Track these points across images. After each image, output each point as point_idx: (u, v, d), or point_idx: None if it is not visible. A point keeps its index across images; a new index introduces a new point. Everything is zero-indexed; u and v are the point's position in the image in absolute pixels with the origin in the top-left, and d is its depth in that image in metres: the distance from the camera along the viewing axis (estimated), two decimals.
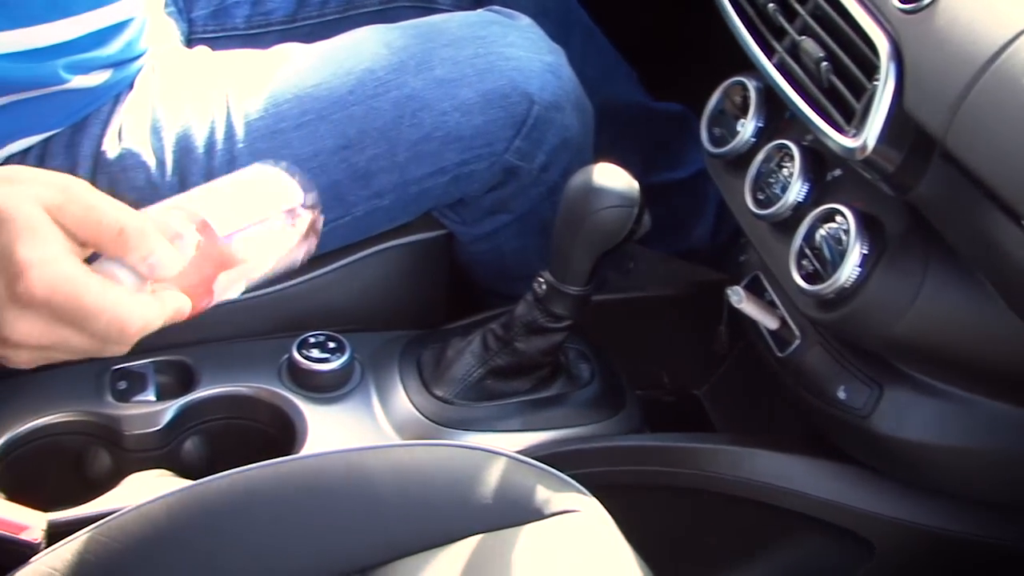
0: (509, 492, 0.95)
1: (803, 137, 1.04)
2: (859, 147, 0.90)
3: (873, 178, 0.94)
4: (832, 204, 0.98)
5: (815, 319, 1.03)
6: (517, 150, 1.22)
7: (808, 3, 1.00)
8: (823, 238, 0.98)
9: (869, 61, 0.91)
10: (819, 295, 0.98)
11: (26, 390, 1.13)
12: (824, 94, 0.96)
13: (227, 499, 0.95)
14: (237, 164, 1.15)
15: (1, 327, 0.69)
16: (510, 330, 1.14)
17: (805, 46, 0.98)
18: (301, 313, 1.24)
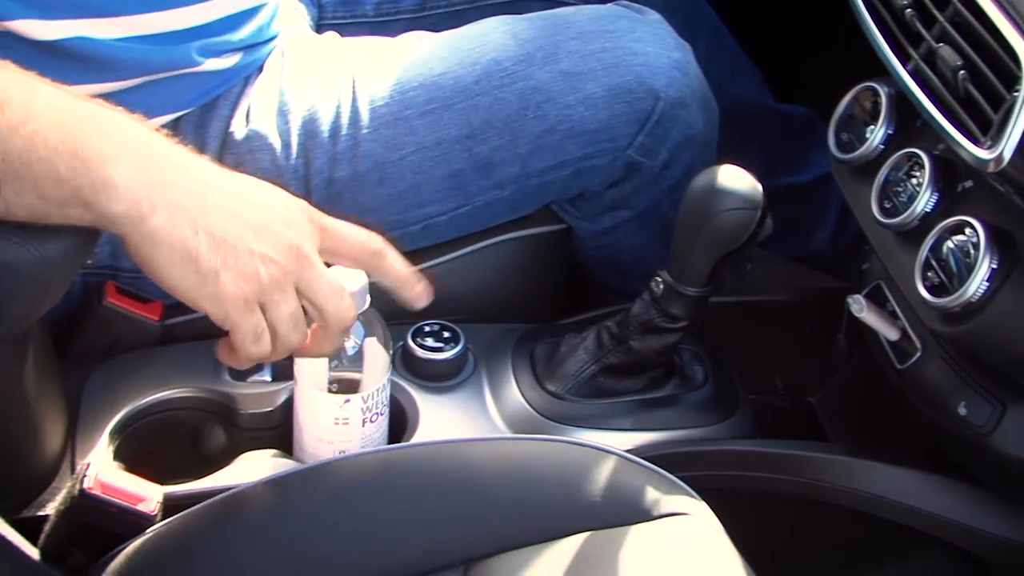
0: (618, 491, 0.95)
1: (934, 146, 1.02)
2: (994, 159, 0.88)
3: (1007, 191, 0.92)
4: (962, 216, 0.96)
5: (938, 332, 1.01)
6: (640, 146, 1.21)
7: (947, 9, 0.97)
8: (950, 250, 0.96)
9: (1009, 71, 0.88)
10: (944, 308, 0.96)
11: (148, 365, 1.15)
12: (959, 103, 0.94)
13: (337, 483, 0.96)
14: (361, 149, 1.16)
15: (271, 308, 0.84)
16: (625, 328, 1.13)
17: (942, 53, 0.96)
18: None
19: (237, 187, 0.86)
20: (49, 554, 0.95)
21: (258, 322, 0.85)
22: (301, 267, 0.85)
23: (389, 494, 0.95)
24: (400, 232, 1.21)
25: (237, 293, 0.82)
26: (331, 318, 0.88)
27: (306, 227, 0.87)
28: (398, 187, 1.18)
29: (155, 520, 0.95)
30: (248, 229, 0.83)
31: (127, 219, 0.78)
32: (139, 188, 0.78)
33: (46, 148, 0.75)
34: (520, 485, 0.95)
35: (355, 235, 0.91)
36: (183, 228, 0.80)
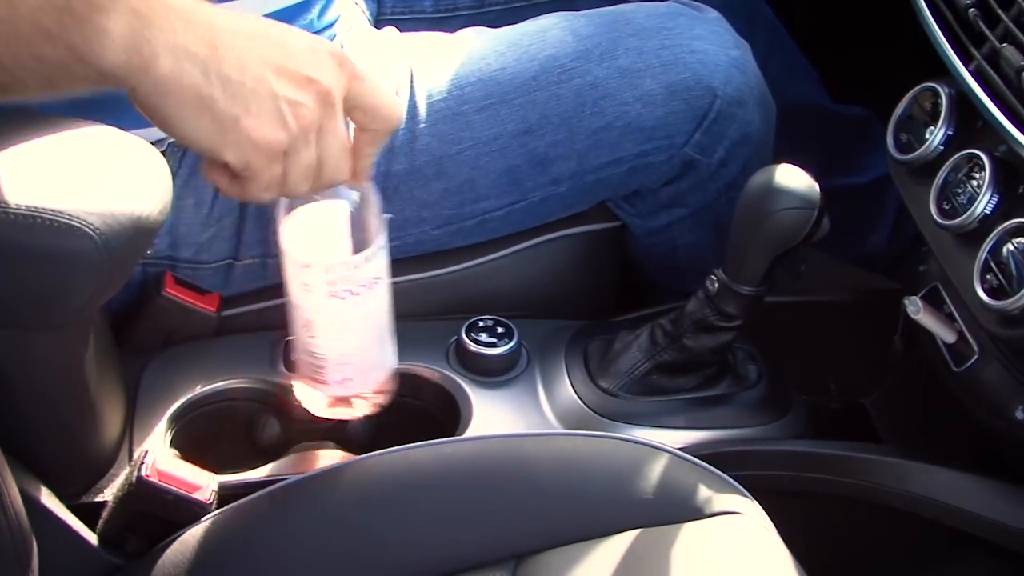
0: (670, 489, 0.94)
1: (995, 147, 1.01)
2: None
3: None
4: (1022, 218, 0.95)
5: (996, 335, 1.00)
6: (697, 144, 1.21)
7: (1012, 9, 0.96)
8: (1010, 253, 0.95)
9: None
10: (1003, 311, 0.95)
11: (204, 355, 1.17)
12: (1022, 104, 0.93)
13: (390, 476, 0.96)
14: (418, 143, 1.17)
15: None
16: (679, 326, 1.13)
17: (1006, 53, 0.95)
18: (471, 296, 1.25)
19: (251, 28, 0.78)
20: (107, 539, 0.97)
21: (277, 171, 0.79)
22: (326, 114, 0.79)
23: (441, 488, 0.95)
24: (456, 226, 1.22)
25: (261, 140, 0.77)
26: (328, 176, 0.83)
27: (334, 70, 0.80)
28: (454, 181, 1.19)
29: (210, 508, 0.96)
30: (269, 70, 0.76)
31: (128, 69, 0.72)
32: (137, 34, 0.72)
33: (28, 7, 0.70)
34: (572, 481, 0.95)
35: (384, 99, 0.84)
36: (193, 73, 0.74)
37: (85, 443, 1.02)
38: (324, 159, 0.81)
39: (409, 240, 1.21)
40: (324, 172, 0.82)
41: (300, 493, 0.95)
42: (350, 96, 0.81)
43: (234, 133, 0.76)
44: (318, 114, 0.79)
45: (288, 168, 0.80)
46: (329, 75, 0.79)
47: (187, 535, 0.94)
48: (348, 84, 0.80)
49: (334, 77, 0.79)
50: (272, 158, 0.78)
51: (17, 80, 0.73)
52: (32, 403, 0.95)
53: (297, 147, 0.79)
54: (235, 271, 1.21)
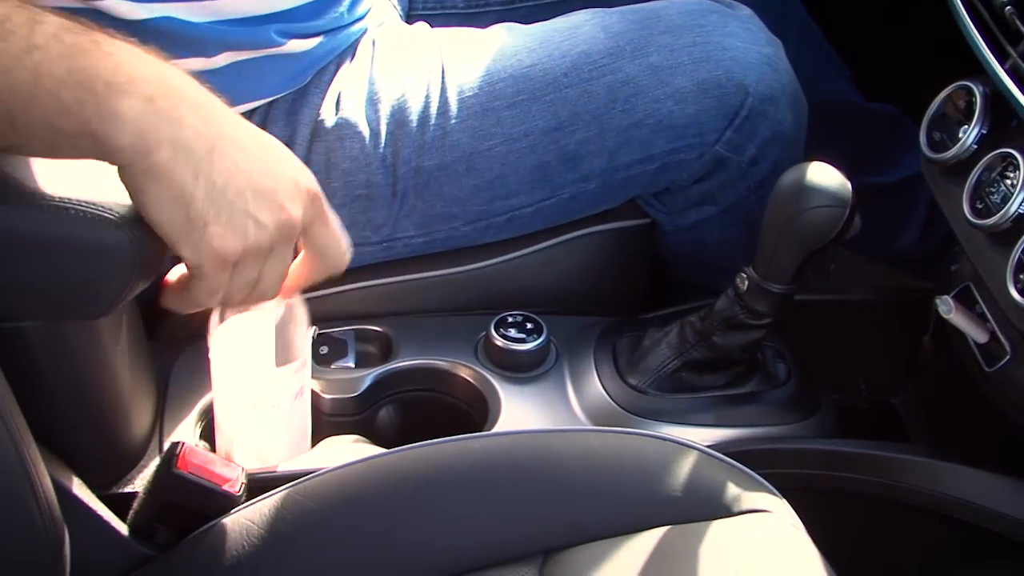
0: (698, 486, 0.94)
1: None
2: None
3: None
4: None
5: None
6: (728, 141, 1.21)
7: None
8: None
9: None
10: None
11: None
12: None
13: (419, 470, 0.96)
14: (449, 139, 1.17)
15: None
16: (709, 324, 1.13)
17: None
18: (499, 292, 1.25)
19: (251, 143, 0.83)
20: (137, 530, 0.97)
21: (225, 280, 0.84)
22: (281, 241, 0.84)
23: (470, 482, 0.95)
24: (485, 223, 1.22)
25: (220, 249, 0.81)
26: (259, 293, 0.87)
27: (306, 207, 0.85)
28: (485, 177, 1.19)
29: (240, 500, 0.96)
30: (251, 188, 0.81)
31: (131, 152, 0.76)
32: (147, 122, 0.76)
33: (52, 79, 0.74)
34: (601, 477, 0.95)
35: (335, 246, 0.91)
36: (184, 170, 0.78)
37: (116, 434, 1.03)
38: (263, 278, 0.86)
39: (439, 236, 1.21)
40: (258, 289, 0.87)
41: (328, 486, 0.95)
42: (310, 233, 0.87)
43: (199, 234, 0.80)
44: (275, 239, 0.83)
45: (233, 278, 0.84)
46: (299, 210, 0.84)
47: (217, 527, 0.94)
48: (312, 221, 0.86)
49: (303, 213, 0.85)
50: (222, 266, 0.83)
51: (25, 144, 0.78)
52: (65, 394, 0.95)
53: (247, 262, 0.83)
54: None
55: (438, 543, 0.92)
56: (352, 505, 0.94)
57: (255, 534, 0.92)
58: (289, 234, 0.84)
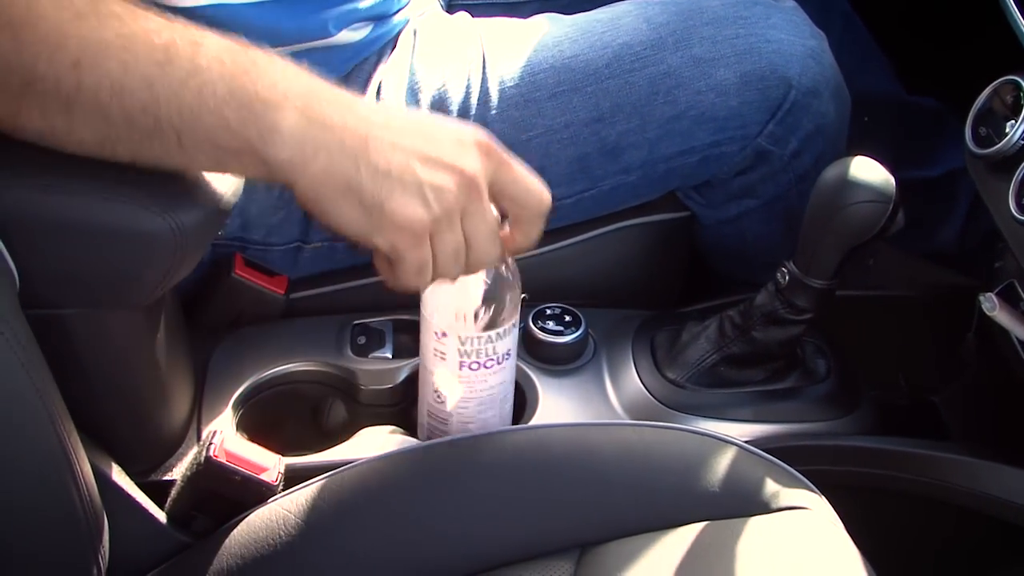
0: (737, 482, 0.94)
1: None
2: None
3: None
4: None
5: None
6: (770, 135, 1.20)
7: None
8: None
9: None
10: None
11: (272, 337, 1.17)
12: None
13: (457, 462, 0.96)
14: (489, 129, 1.16)
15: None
16: (748, 318, 1.12)
17: None
18: (538, 284, 1.23)
19: (403, 121, 0.85)
20: (175, 517, 0.98)
21: (425, 254, 0.85)
22: (470, 198, 0.84)
23: (508, 475, 0.95)
24: None
25: (403, 223, 0.82)
26: (476, 259, 0.87)
27: (479, 158, 0.85)
28: None
29: (277, 490, 0.97)
30: (415, 159, 0.82)
31: (292, 165, 0.80)
32: (303, 133, 0.80)
33: (215, 99, 0.78)
34: (639, 471, 0.95)
35: (531, 184, 0.89)
36: (344, 165, 0.81)
37: (155, 422, 1.03)
38: (472, 242, 0.86)
39: None
40: (472, 255, 0.87)
41: (365, 477, 0.95)
42: (496, 183, 0.86)
43: (379, 217, 0.82)
44: (462, 199, 0.83)
45: (435, 250, 0.85)
46: (473, 163, 0.84)
47: (253, 516, 0.94)
48: (495, 171, 0.85)
49: (478, 165, 0.84)
50: (416, 240, 0.83)
51: (193, 162, 0.82)
52: (104, 381, 0.96)
53: (441, 228, 0.84)
54: (304, 254, 1.21)
55: (475, 535, 0.92)
56: (389, 496, 0.94)
57: (291, 523, 0.92)
58: (472, 189, 0.84)
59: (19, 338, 0.77)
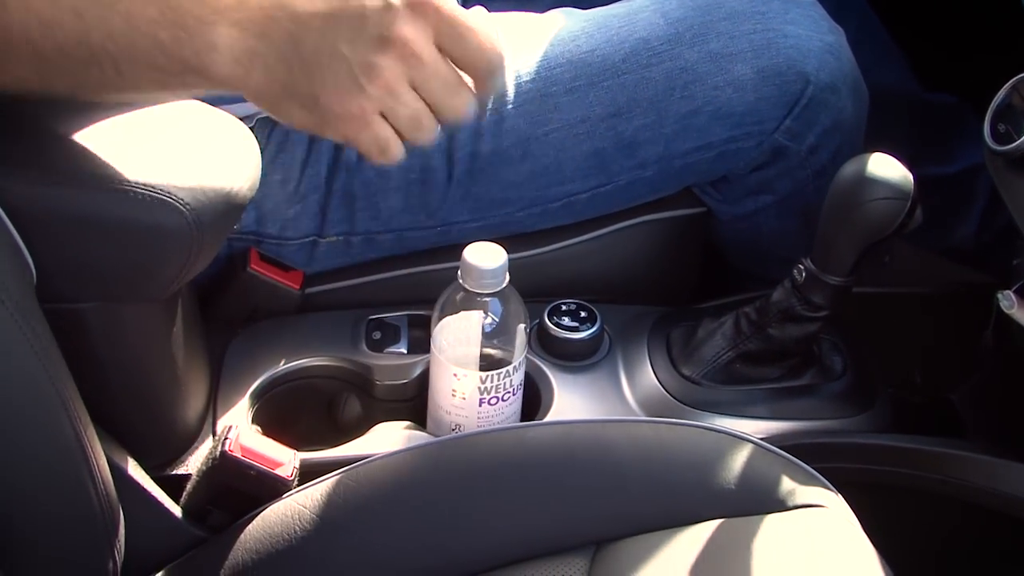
0: (753, 479, 0.93)
1: None
2: None
3: None
4: None
5: None
6: (787, 130, 1.19)
7: None
8: None
9: None
10: None
11: (287, 332, 1.18)
12: None
13: (471, 458, 0.96)
14: (505, 124, 1.16)
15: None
16: (764, 315, 1.12)
17: None
18: (552, 279, 1.24)
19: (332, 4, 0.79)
20: (190, 512, 0.98)
21: (379, 133, 0.81)
22: (410, 65, 0.79)
23: (523, 471, 0.95)
24: (540, 208, 1.21)
25: (343, 113, 0.80)
26: (446, 117, 0.83)
27: (413, 21, 0.79)
28: (541, 163, 1.18)
29: (292, 485, 0.97)
30: (342, 42, 0.78)
31: (233, 79, 0.79)
32: (240, 46, 0.78)
33: (146, 22, 0.76)
34: (654, 468, 0.95)
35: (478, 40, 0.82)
36: (278, 70, 0.78)
37: (171, 416, 1.04)
38: (434, 104, 0.82)
39: (493, 221, 1.21)
40: (441, 114, 0.83)
41: (381, 473, 0.95)
42: (440, 40, 0.81)
43: (320, 113, 0.80)
44: (399, 69, 0.79)
45: (395, 124, 0.82)
46: (405, 30, 0.79)
47: (268, 511, 0.94)
48: (436, 28, 0.80)
49: (411, 29, 0.79)
50: (363, 123, 0.81)
51: (134, 86, 0.80)
52: (120, 375, 0.96)
53: (388, 105, 0.80)
54: (319, 248, 1.21)
55: (490, 530, 0.92)
56: (404, 492, 0.94)
57: (307, 518, 0.92)
58: (408, 54, 0.79)
59: (36, 332, 0.77)
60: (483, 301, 1.03)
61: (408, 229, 1.21)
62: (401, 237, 1.22)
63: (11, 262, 0.78)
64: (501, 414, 1.07)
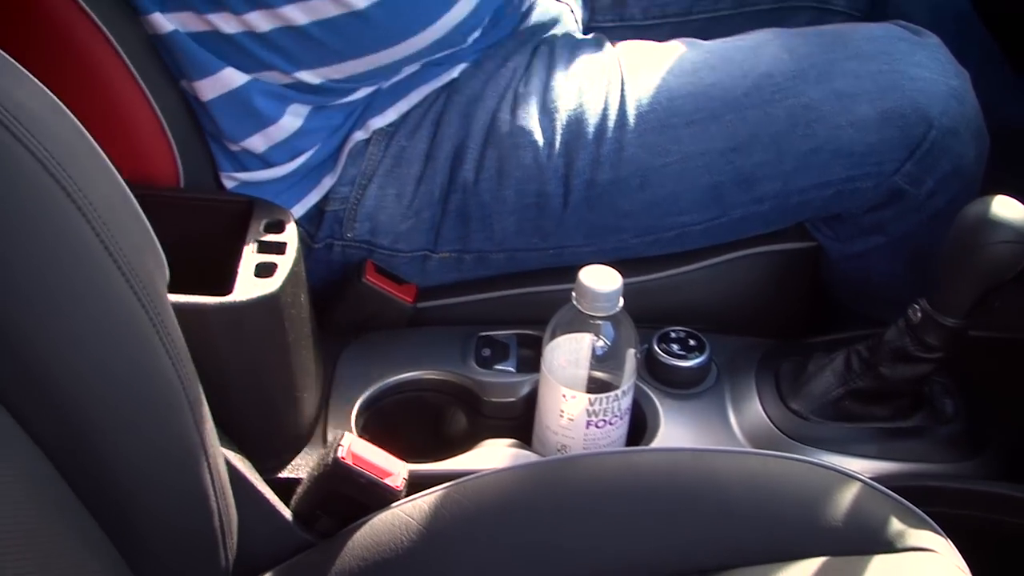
0: (860, 518, 0.93)
1: None
2: None
3: None
4: None
5: None
6: (907, 173, 1.18)
7: None
8: None
9: None
10: None
11: (398, 344, 1.19)
12: None
13: (580, 479, 0.96)
14: (625, 154, 1.17)
15: None
16: (876, 354, 1.11)
17: None
18: (662, 306, 1.25)
19: None
20: (299, 516, 0.99)
21: None
22: None
23: (629, 496, 0.95)
24: (653, 237, 1.21)
25: None
26: None
27: None
28: (658, 194, 1.18)
29: (400, 495, 0.97)
30: None
31: None
32: None
33: None
34: (761, 501, 0.94)
35: None
36: None
37: (284, 419, 1.05)
38: None
39: (606, 247, 1.21)
40: None
41: (488, 489, 0.96)
42: None
43: None
44: None
45: None
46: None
47: (376, 519, 0.95)
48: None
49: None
50: None
51: None
52: (240, 377, 0.98)
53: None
54: (431, 263, 1.23)
55: (594, 554, 0.92)
56: (510, 509, 0.94)
57: (413, 529, 0.93)
58: None
59: (169, 333, 0.79)
60: (596, 324, 1.04)
61: (521, 250, 1.22)
62: (513, 257, 1.23)
63: (152, 263, 0.79)
64: (607, 437, 1.07)
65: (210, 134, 1.18)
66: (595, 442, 1.07)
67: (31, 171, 0.68)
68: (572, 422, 1.06)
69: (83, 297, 0.72)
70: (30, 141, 0.68)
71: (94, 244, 0.72)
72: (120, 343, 0.74)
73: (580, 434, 1.06)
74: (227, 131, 1.16)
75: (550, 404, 1.07)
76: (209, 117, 1.15)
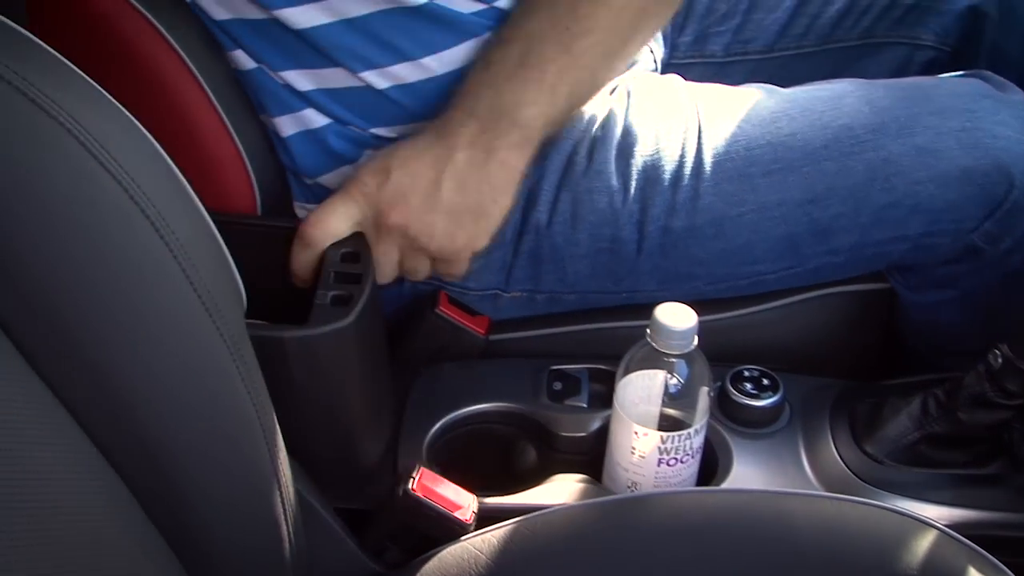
0: (936, 567, 0.91)
1: None
2: None
3: None
4: None
5: None
6: (985, 232, 1.16)
7: None
8: None
9: None
10: None
11: (470, 376, 1.19)
12: None
13: (652, 518, 0.96)
14: (701, 202, 1.15)
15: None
16: (954, 398, 1.09)
17: None
18: (735, 345, 1.23)
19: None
20: (368, 546, 0.99)
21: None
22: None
23: (700, 536, 0.94)
24: (727, 284, 1.20)
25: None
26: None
27: None
28: (733, 243, 1.17)
29: (469, 528, 0.98)
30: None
31: None
32: None
33: None
34: (835, 546, 0.93)
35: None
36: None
37: (355, 449, 1.06)
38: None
39: (678, 293, 1.19)
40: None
41: (558, 524, 0.96)
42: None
43: None
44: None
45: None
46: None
47: (445, 552, 0.95)
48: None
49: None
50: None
51: None
52: (313, 406, 0.99)
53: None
54: (502, 300, 1.22)
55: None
56: (580, 546, 0.94)
57: (481, 563, 0.93)
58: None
59: (245, 361, 0.80)
60: (669, 361, 1.03)
61: (593, 292, 1.22)
62: (585, 298, 1.22)
63: (231, 292, 0.80)
64: (679, 475, 1.06)
65: (287, 167, 1.19)
66: (666, 480, 1.06)
67: (116, 199, 0.70)
68: (643, 459, 1.05)
69: (165, 326, 0.73)
70: (115, 169, 0.69)
71: (176, 273, 0.73)
72: (199, 373, 0.75)
73: (651, 472, 1.06)
74: (303, 167, 1.17)
75: (621, 440, 1.06)
76: (287, 152, 1.16)
